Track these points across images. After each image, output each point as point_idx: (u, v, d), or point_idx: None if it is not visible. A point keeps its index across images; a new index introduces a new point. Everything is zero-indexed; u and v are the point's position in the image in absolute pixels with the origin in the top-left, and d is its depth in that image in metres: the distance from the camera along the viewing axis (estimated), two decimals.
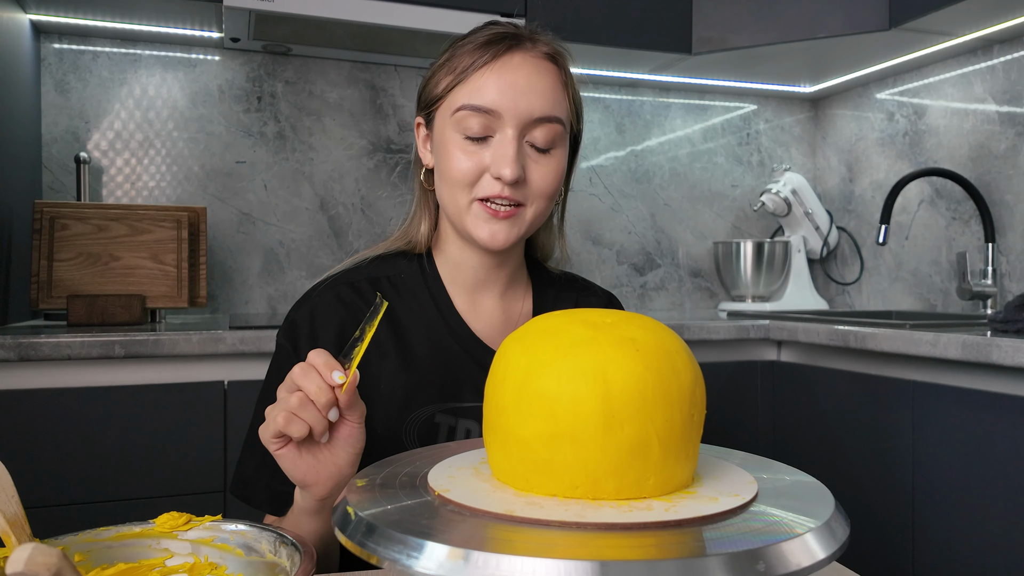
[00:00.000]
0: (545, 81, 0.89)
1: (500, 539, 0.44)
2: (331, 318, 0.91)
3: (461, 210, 0.89)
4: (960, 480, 1.39)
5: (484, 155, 0.87)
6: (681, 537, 0.45)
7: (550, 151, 0.89)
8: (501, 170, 0.86)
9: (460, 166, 0.88)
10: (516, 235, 0.90)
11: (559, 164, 0.90)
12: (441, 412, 0.89)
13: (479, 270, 0.95)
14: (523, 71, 0.88)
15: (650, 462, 0.52)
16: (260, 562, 0.59)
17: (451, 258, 0.96)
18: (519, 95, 0.86)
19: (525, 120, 0.87)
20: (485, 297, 0.97)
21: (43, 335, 1.38)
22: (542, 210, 0.91)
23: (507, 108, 0.86)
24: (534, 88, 0.87)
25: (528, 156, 0.88)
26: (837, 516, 0.49)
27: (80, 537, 0.60)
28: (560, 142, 0.90)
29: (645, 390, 0.52)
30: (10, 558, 0.42)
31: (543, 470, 0.52)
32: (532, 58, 0.89)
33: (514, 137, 0.86)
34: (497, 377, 0.56)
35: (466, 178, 0.88)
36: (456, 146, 0.88)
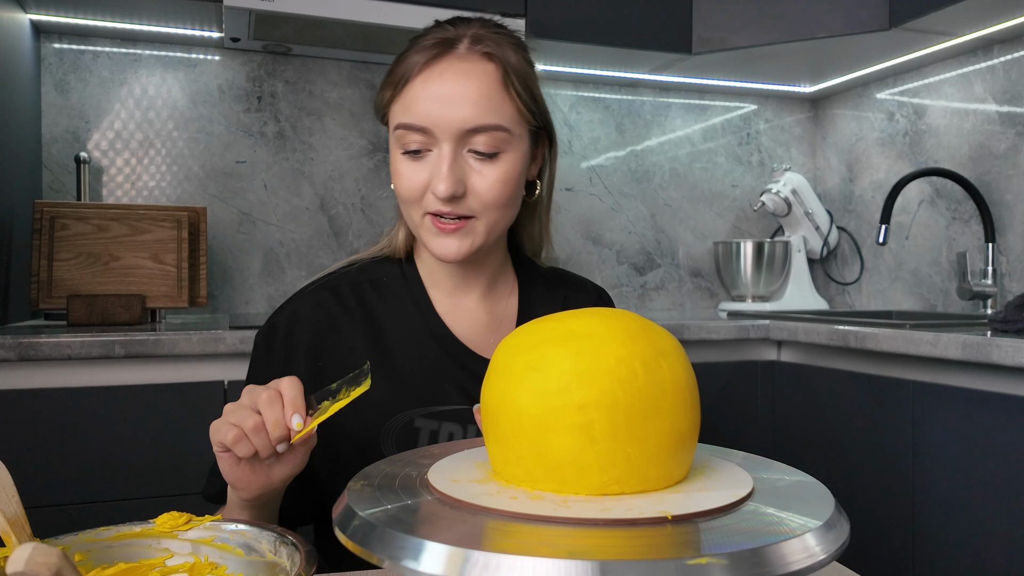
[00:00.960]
0: (477, 87, 0.83)
1: (500, 539, 0.45)
2: (308, 324, 0.90)
3: (416, 225, 0.88)
4: (960, 480, 1.39)
5: (425, 171, 0.84)
6: (681, 536, 0.45)
7: (496, 157, 0.84)
8: (436, 187, 0.83)
9: (404, 184, 0.86)
10: (469, 247, 0.86)
11: (507, 170, 0.85)
12: (421, 416, 0.88)
13: (454, 275, 0.94)
14: (450, 80, 0.83)
15: (649, 460, 0.52)
16: (260, 562, 0.59)
17: (428, 264, 0.95)
18: (447, 107, 0.82)
19: (457, 132, 0.82)
20: (466, 299, 0.95)
21: (43, 335, 1.38)
22: (496, 219, 0.87)
23: (436, 123, 0.82)
24: (463, 97, 0.82)
25: (470, 166, 0.84)
26: (837, 516, 0.49)
27: (80, 537, 0.60)
28: (509, 146, 0.85)
29: (641, 389, 0.52)
30: (10, 558, 0.42)
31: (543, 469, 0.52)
32: (462, 63, 0.84)
33: (450, 151, 0.83)
34: (495, 377, 0.56)
35: (411, 195, 0.86)
36: (399, 162, 0.86)
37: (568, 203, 2.41)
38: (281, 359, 0.89)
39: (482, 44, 0.85)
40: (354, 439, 0.87)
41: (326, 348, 0.90)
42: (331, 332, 0.90)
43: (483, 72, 0.84)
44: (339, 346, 0.90)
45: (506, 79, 0.85)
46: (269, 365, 0.90)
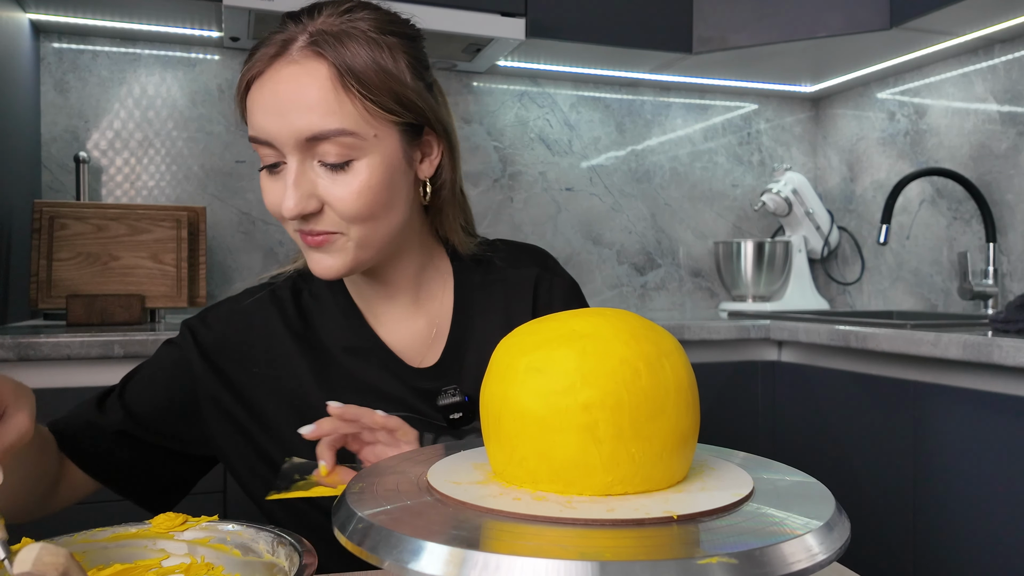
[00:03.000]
0: (308, 92, 0.73)
1: (500, 539, 0.44)
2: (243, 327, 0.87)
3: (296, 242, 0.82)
4: (961, 480, 1.38)
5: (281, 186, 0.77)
6: (680, 537, 0.45)
7: (348, 166, 0.75)
8: (284, 205, 0.75)
9: (268, 201, 0.78)
10: (350, 262, 0.79)
11: (364, 179, 0.75)
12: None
13: (373, 284, 0.87)
14: (280, 89, 0.74)
15: (653, 460, 0.52)
16: (258, 562, 0.59)
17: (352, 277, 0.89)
18: (280, 117, 0.73)
19: (297, 142, 0.74)
20: (395, 307, 0.89)
21: (42, 335, 1.38)
22: (366, 232, 0.78)
23: (275, 135, 0.74)
24: (293, 104, 0.73)
25: (320, 178, 0.75)
26: (838, 516, 0.49)
27: (76, 538, 0.60)
28: (361, 152, 0.75)
29: (645, 389, 0.52)
30: (17, 557, 0.42)
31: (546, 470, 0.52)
32: (293, 66, 0.74)
33: (295, 165, 0.74)
34: (496, 378, 0.56)
35: (274, 212, 0.78)
36: (262, 178, 0.79)
37: (568, 203, 2.41)
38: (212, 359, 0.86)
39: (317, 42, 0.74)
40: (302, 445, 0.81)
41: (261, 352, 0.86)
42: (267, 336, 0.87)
43: (314, 73, 0.73)
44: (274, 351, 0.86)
45: (342, 78, 0.74)
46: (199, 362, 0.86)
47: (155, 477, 0.89)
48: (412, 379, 0.86)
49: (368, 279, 0.87)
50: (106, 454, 0.85)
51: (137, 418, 0.85)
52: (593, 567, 0.40)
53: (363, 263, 0.80)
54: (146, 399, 0.86)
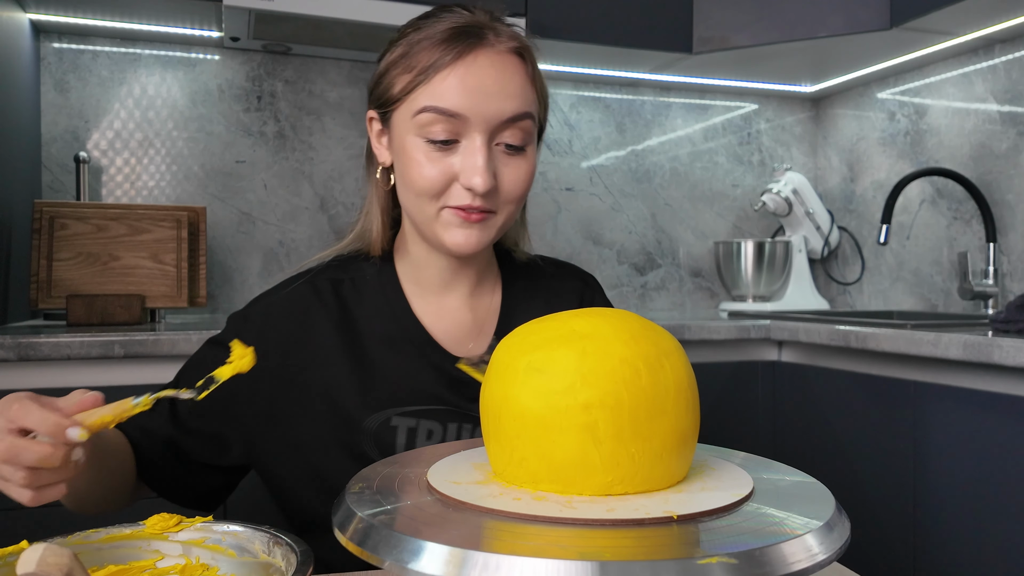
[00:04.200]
0: (514, 80, 0.83)
1: (500, 539, 0.44)
2: (283, 319, 0.88)
3: (428, 218, 0.85)
4: (961, 480, 1.38)
5: (452, 161, 0.82)
6: (681, 536, 0.45)
7: (523, 150, 0.84)
8: (472, 180, 0.80)
9: (427, 175, 0.82)
10: (487, 240, 0.85)
11: (531, 163, 0.86)
12: (397, 415, 0.86)
13: (445, 271, 0.91)
14: (490, 71, 0.82)
15: (652, 460, 0.52)
16: (254, 563, 0.58)
17: (415, 260, 0.92)
18: (487, 98, 0.81)
19: (495, 123, 0.81)
20: (451, 298, 0.92)
21: (43, 335, 1.38)
22: (512, 213, 0.86)
23: (475, 112, 0.80)
24: (502, 88, 0.82)
25: (499, 160, 0.83)
26: (838, 516, 0.49)
27: (70, 539, 0.60)
28: (531, 138, 0.85)
29: (644, 389, 0.52)
30: (22, 558, 0.42)
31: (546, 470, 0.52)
32: (498, 55, 0.83)
33: (484, 143, 0.81)
34: (497, 378, 0.56)
35: (434, 188, 0.82)
36: (420, 152, 0.82)
37: (568, 203, 2.41)
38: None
39: (507, 35, 0.85)
40: (335, 439, 0.85)
41: (300, 344, 0.88)
42: (306, 327, 0.88)
43: (516, 65, 0.84)
44: (313, 342, 0.88)
45: (532, 71, 0.86)
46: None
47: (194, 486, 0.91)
48: (453, 368, 0.88)
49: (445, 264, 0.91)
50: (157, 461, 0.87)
51: (179, 420, 0.87)
52: (593, 567, 0.40)
53: (492, 241, 0.87)
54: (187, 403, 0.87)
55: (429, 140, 0.82)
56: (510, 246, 1.00)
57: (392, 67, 0.86)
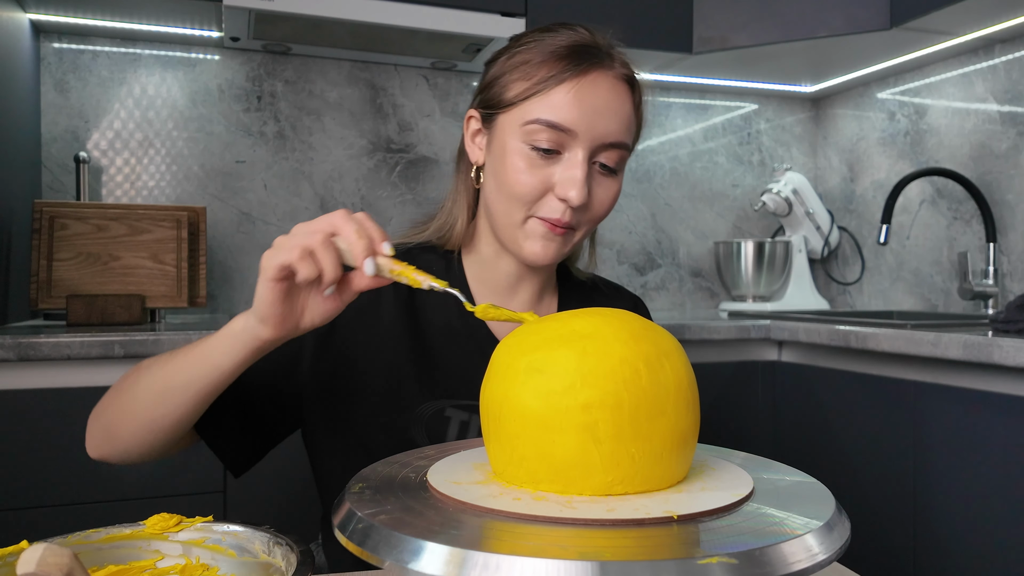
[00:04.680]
0: (624, 106, 0.87)
1: (500, 539, 0.44)
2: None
3: (514, 224, 0.87)
4: (961, 480, 1.38)
5: (551, 172, 0.84)
6: (680, 536, 0.45)
7: (615, 173, 0.88)
8: (568, 192, 0.83)
9: (525, 180, 0.84)
10: (563, 254, 0.89)
11: (619, 186, 0.89)
12: (452, 407, 0.88)
13: (511, 276, 0.94)
14: (603, 93, 0.85)
15: (653, 460, 0.52)
16: (254, 563, 0.58)
17: (484, 260, 0.94)
18: (598, 117, 0.84)
19: (599, 143, 0.85)
20: (513, 302, 0.95)
21: (43, 335, 1.38)
22: (589, 231, 0.90)
23: (584, 129, 0.83)
24: (613, 112, 0.85)
25: (593, 179, 0.86)
26: (838, 516, 0.49)
27: (69, 539, 0.59)
28: (623, 164, 0.89)
29: (645, 389, 0.52)
30: (22, 558, 0.42)
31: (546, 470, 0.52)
32: (612, 79, 0.87)
33: (584, 159, 0.84)
34: (496, 378, 0.56)
35: (530, 194, 0.85)
36: (522, 158, 0.85)
37: None
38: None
39: (625, 67, 0.89)
40: (384, 421, 0.87)
41: (370, 322, 0.89)
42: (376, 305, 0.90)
43: (627, 92, 0.88)
44: (379, 323, 0.89)
45: (638, 102, 0.90)
46: None
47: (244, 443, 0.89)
48: None
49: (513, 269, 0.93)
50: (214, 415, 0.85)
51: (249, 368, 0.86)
52: (593, 567, 0.40)
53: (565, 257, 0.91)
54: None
55: (534, 147, 0.84)
56: (572, 263, 1.04)
57: (508, 72, 0.88)
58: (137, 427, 0.77)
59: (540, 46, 0.87)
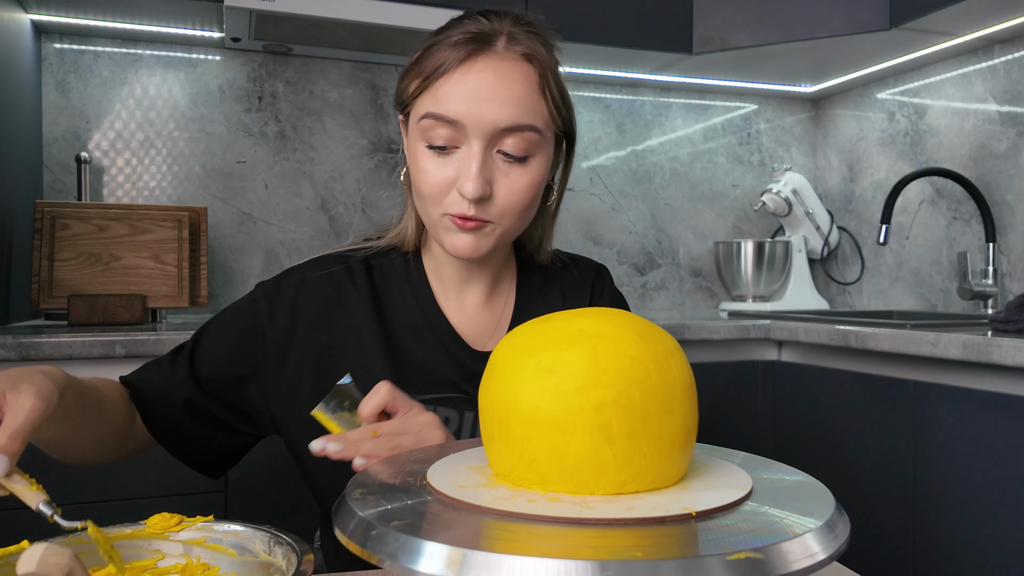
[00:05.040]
0: (515, 87, 0.81)
1: (500, 539, 0.44)
2: (317, 295, 0.90)
3: (432, 222, 0.86)
4: (961, 480, 1.38)
5: (451, 168, 0.82)
6: (680, 536, 0.45)
7: (525, 160, 0.83)
8: (464, 186, 0.80)
9: (427, 180, 0.83)
10: (487, 247, 0.85)
11: (534, 174, 0.84)
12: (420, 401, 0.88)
13: (461, 270, 0.94)
14: (488, 77, 0.80)
15: (663, 457, 0.52)
16: (254, 562, 0.59)
17: (436, 257, 0.95)
18: (483, 104, 0.80)
19: (491, 131, 0.80)
20: (470, 295, 0.95)
21: (44, 335, 1.38)
22: (512, 225, 0.86)
23: (470, 118, 0.80)
24: (501, 96, 0.80)
25: (497, 168, 0.82)
26: (837, 516, 0.49)
27: (71, 539, 0.60)
28: (537, 149, 0.84)
29: (654, 388, 0.52)
30: (22, 557, 0.43)
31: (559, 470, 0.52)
32: (500, 61, 0.81)
33: (480, 150, 0.80)
34: (502, 379, 0.56)
35: (434, 193, 0.83)
36: (423, 157, 0.83)
37: (568, 203, 2.41)
38: (285, 325, 0.89)
39: (519, 43, 0.83)
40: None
41: (333, 321, 0.90)
42: (339, 307, 0.90)
43: (521, 72, 0.82)
44: (345, 321, 0.90)
45: (543, 81, 0.84)
46: (271, 327, 0.89)
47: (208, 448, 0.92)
48: (471, 361, 0.91)
49: (462, 263, 0.92)
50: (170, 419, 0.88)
51: (200, 377, 0.88)
52: (592, 567, 0.40)
53: (495, 250, 0.88)
54: (211, 358, 0.88)
55: (429, 145, 0.83)
56: (532, 249, 1.01)
57: (409, 70, 0.87)
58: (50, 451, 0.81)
59: (434, 40, 0.85)
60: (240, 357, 0.89)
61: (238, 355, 0.89)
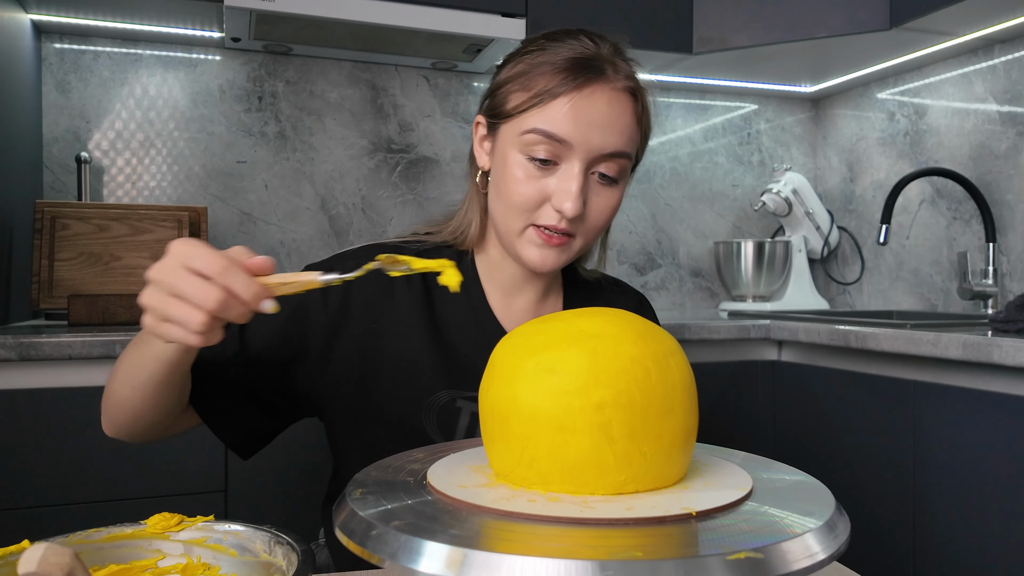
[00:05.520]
0: (623, 118, 0.87)
1: (500, 538, 0.44)
2: (368, 283, 0.90)
3: (513, 231, 0.89)
4: (961, 480, 1.39)
5: (548, 182, 0.86)
6: (680, 536, 0.45)
7: (615, 183, 0.89)
8: (563, 204, 0.84)
9: (522, 191, 0.86)
10: (563, 261, 0.90)
11: (619, 196, 0.90)
12: (463, 398, 0.91)
13: (516, 276, 0.96)
14: (602, 106, 0.85)
15: (663, 457, 0.52)
16: (255, 562, 0.59)
17: (492, 260, 0.97)
18: (594, 130, 0.85)
19: (596, 155, 0.85)
20: (519, 300, 0.98)
21: (44, 335, 1.38)
22: (590, 240, 0.91)
23: (580, 141, 0.84)
24: (611, 124, 0.86)
25: (591, 188, 0.87)
26: (837, 516, 0.49)
27: (71, 539, 0.60)
28: (625, 172, 0.90)
29: (654, 387, 0.52)
30: (23, 557, 0.43)
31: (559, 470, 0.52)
32: (612, 91, 0.87)
33: (581, 171, 0.85)
34: (502, 379, 0.56)
35: (526, 204, 0.86)
36: (520, 168, 0.86)
37: None
38: (336, 309, 0.90)
39: (623, 72, 0.88)
40: (395, 409, 0.89)
41: (383, 311, 0.91)
42: (390, 296, 0.92)
43: (627, 103, 0.88)
44: (395, 312, 0.91)
45: (641, 115, 0.91)
46: (322, 312, 0.90)
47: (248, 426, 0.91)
48: None
49: (518, 270, 0.95)
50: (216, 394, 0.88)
51: (250, 355, 0.88)
52: (592, 566, 0.40)
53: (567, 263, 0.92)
54: (262, 337, 0.88)
55: (530, 158, 0.85)
56: (580, 264, 1.06)
57: (510, 82, 0.89)
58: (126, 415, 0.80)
59: (541, 56, 0.88)
60: (290, 337, 0.89)
61: (288, 335, 0.89)
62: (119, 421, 0.81)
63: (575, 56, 0.86)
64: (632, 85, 0.89)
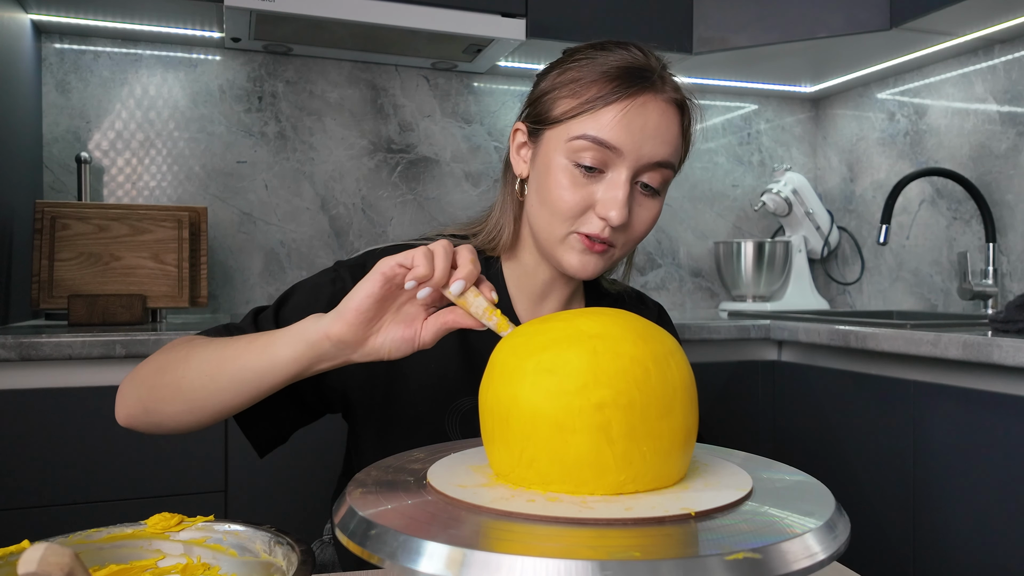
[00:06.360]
0: (671, 128, 0.87)
1: (499, 538, 0.44)
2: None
3: (555, 238, 0.89)
4: (961, 480, 1.39)
5: (593, 190, 0.86)
6: (679, 536, 0.45)
7: (658, 193, 0.89)
8: (609, 212, 0.84)
9: (567, 197, 0.86)
10: (602, 268, 0.90)
11: (659, 208, 0.91)
12: None
13: (546, 283, 0.96)
14: (653, 116, 0.86)
15: (663, 458, 0.52)
16: (255, 562, 0.59)
17: (523, 266, 0.96)
18: (645, 139, 0.85)
19: (644, 164, 0.86)
20: (544, 307, 0.98)
21: (44, 335, 1.38)
22: (628, 250, 0.92)
23: (630, 150, 0.84)
24: (660, 134, 0.86)
25: (634, 198, 0.87)
26: (837, 516, 0.49)
27: (71, 539, 0.59)
28: (665, 186, 0.90)
29: (654, 388, 0.52)
30: (23, 557, 0.43)
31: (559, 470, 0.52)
32: (663, 103, 0.87)
33: (627, 179, 0.85)
34: (502, 379, 0.56)
35: (571, 211, 0.86)
36: (565, 174, 0.86)
37: None
38: None
39: (670, 84, 0.89)
40: (418, 412, 0.89)
41: None
42: None
43: (675, 115, 0.88)
44: None
45: (687, 126, 0.91)
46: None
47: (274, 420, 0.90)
48: None
49: (547, 277, 0.96)
50: None
51: None
52: (592, 567, 0.40)
53: (604, 271, 0.92)
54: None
55: (578, 164, 0.85)
56: (603, 276, 1.05)
57: (557, 88, 0.89)
58: (180, 406, 0.77)
59: (592, 64, 0.87)
60: None
61: None
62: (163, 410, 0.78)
63: (627, 65, 0.87)
64: (680, 98, 0.89)
